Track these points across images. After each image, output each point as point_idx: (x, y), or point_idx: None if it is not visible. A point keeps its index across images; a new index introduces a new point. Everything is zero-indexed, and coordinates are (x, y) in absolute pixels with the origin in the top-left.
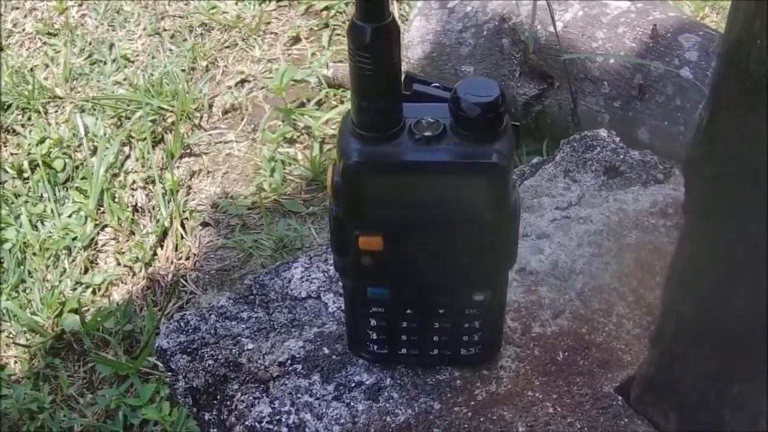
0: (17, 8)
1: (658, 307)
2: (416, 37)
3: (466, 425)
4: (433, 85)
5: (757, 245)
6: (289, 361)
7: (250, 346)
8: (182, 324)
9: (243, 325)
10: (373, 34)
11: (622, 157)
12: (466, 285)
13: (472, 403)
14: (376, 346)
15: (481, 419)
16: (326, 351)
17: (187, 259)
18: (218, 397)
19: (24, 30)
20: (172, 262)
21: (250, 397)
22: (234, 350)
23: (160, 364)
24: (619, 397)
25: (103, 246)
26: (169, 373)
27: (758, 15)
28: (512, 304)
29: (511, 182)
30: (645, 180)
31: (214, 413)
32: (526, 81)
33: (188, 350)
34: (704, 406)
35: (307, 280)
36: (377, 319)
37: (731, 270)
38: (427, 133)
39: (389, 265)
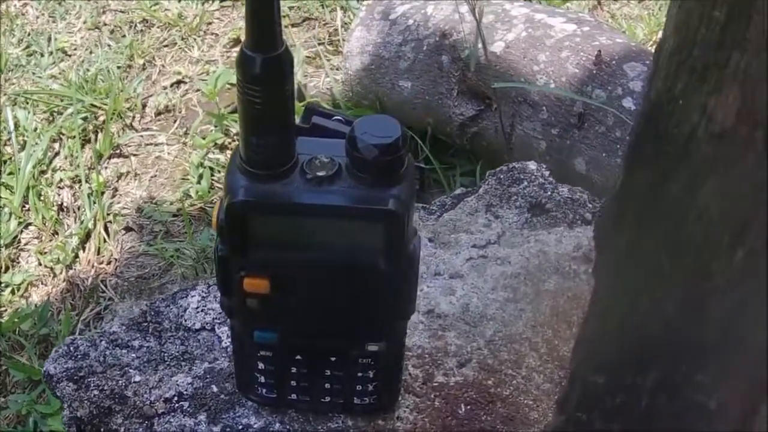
0: None
1: (569, 363)
2: (356, 47)
3: None
4: (335, 118)
5: (672, 325)
6: (176, 398)
7: (138, 378)
8: (71, 349)
9: (133, 354)
10: (264, 65)
11: (549, 193)
12: (359, 334)
13: None
14: (264, 390)
15: None
16: (215, 389)
17: (108, 263)
18: (102, 429)
19: None
20: (93, 266)
21: None
22: (121, 382)
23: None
24: None
25: (25, 245)
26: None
27: (679, 76)
28: (416, 349)
29: (411, 229)
30: (571, 220)
31: None
32: (463, 101)
33: (75, 378)
34: None
35: (202, 310)
36: (265, 362)
37: (643, 347)
38: (320, 173)
39: (276, 309)
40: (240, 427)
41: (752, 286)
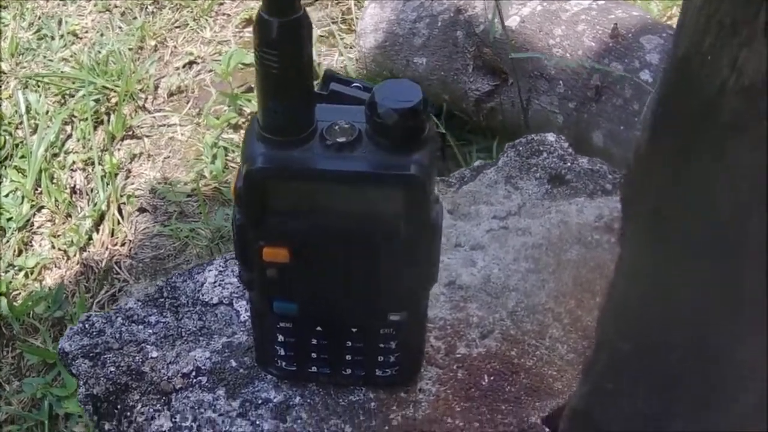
0: None
1: (594, 331)
2: (369, 25)
3: None
4: (354, 85)
5: (701, 286)
6: (193, 373)
7: (155, 354)
8: (87, 326)
9: (150, 330)
10: (281, 29)
11: (569, 164)
12: (380, 304)
13: (386, 427)
14: (284, 363)
15: None
16: (234, 364)
17: (123, 245)
18: (119, 406)
19: None
20: (107, 248)
21: (151, 410)
22: (137, 358)
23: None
24: (547, 429)
25: (38, 228)
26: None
27: (708, 31)
28: (437, 321)
29: (433, 195)
30: (592, 190)
31: (114, 423)
32: (479, 76)
33: (90, 355)
34: None
35: (220, 285)
36: (285, 334)
37: (671, 307)
38: (340, 139)
39: (296, 279)
40: (260, 401)
41: None
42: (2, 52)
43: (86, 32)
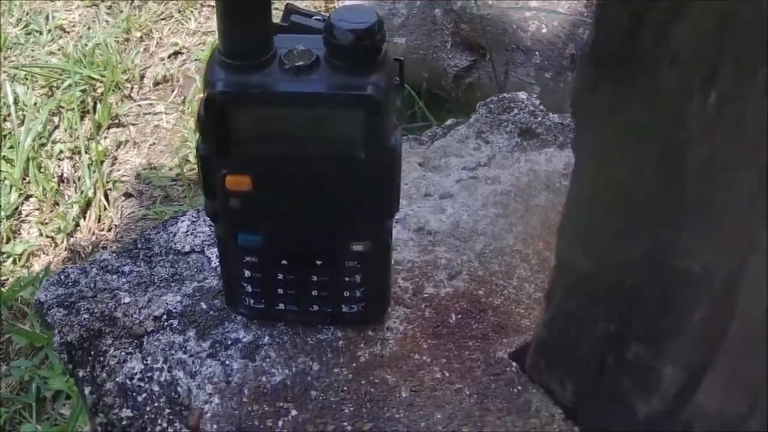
0: None
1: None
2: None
3: (345, 387)
4: (314, 18)
5: (653, 186)
6: (164, 316)
7: (127, 299)
8: (62, 277)
9: (123, 279)
10: None
11: (539, 119)
12: (343, 234)
13: (354, 364)
14: (252, 300)
15: (362, 382)
16: (204, 306)
17: (109, 230)
18: (92, 353)
19: None
20: (93, 233)
21: (123, 353)
22: (110, 304)
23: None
24: (514, 364)
25: (26, 216)
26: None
27: None
28: (405, 263)
29: (391, 120)
30: (562, 142)
31: (87, 370)
32: (457, 52)
33: (65, 304)
34: (602, 372)
35: (192, 234)
36: (251, 269)
37: (627, 216)
38: (298, 63)
39: (259, 208)
40: (229, 341)
41: (726, 132)
42: None
43: (73, 26)
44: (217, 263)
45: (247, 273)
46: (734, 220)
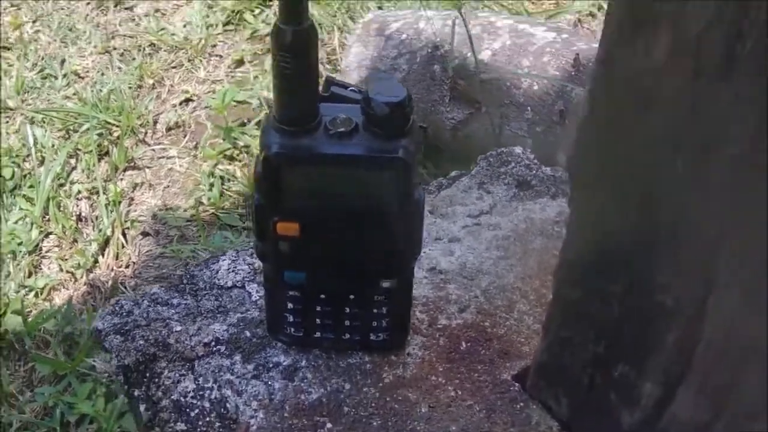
0: None
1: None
2: (353, 62)
3: (373, 404)
4: (350, 89)
5: (634, 231)
6: (213, 343)
7: (179, 328)
8: (117, 308)
9: (173, 310)
10: (294, 36)
11: (534, 171)
12: (374, 272)
13: (380, 384)
14: (292, 329)
15: (387, 399)
16: (248, 334)
17: (127, 267)
18: (147, 374)
19: None
20: (112, 269)
21: (177, 374)
22: (163, 332)
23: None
24: (516, 384)
25: (47, 252)
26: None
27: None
28: (421, 298)
29: (416, 178)
30: (554, 193)
31: (143, 389)
32: (455, 106)
33: (121, 331)
34: (592, 389)
35: (233, 271)
36: (294, 302)
37: (613, 257)
38: (340, 129)
39: (305, 250)
40: (271, 364)
41: (695, 185)
42: (8, 90)
43: (87, 72)
44: (257, 297)
45: (289, 305)
46: (699, 262)
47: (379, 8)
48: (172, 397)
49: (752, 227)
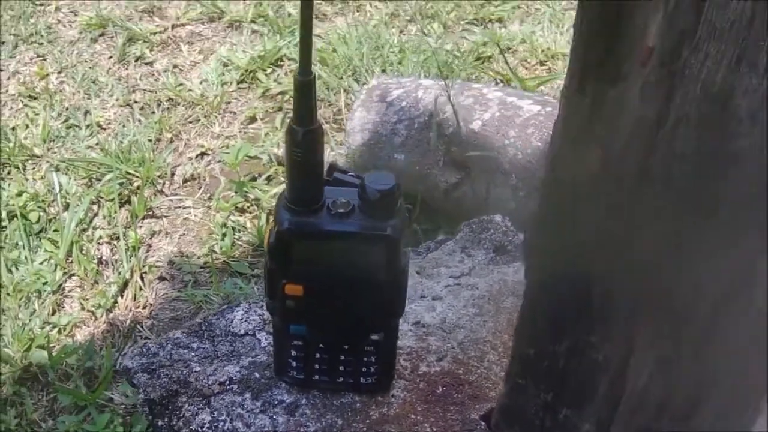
0: (1, 70)
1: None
2: (357, 125)
3: None
4: (350, 174)
5: (574, 306)
6: (227, 382)
7: (198, 368)
8: (144, 349)
9: (193, 353)
10: (304, 136)
11: (510, 238)
12: (365, 327)
13: (368, 420)
14: (295, 372)
15: None
16: (257, 375)
17: (144, 308)
18: (170, 407)
19: (7, 91)
20: (130, 310)
21: (195, 408)
22: (184, 371)
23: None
24: (483, 423)
25: (69, 292)
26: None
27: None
28: (406, 348)
29: (402, 250)
30: None
31: (165, 420)
32: (447, 170)
33: (148, 370)
34: (543, 428)
35: (246, 321)
36: (296, 350)
37: (558, 324)
38: (340, 210)
39: (307, 308)
40: (276, 401)
41: (617, 268)
42: (36, 137)
43: (109, 124)
44: (266, 344)
45: (293, 352)
46: (622, 328)
47: (383, 71)
48: (191, 427)
49: (661, 306)
